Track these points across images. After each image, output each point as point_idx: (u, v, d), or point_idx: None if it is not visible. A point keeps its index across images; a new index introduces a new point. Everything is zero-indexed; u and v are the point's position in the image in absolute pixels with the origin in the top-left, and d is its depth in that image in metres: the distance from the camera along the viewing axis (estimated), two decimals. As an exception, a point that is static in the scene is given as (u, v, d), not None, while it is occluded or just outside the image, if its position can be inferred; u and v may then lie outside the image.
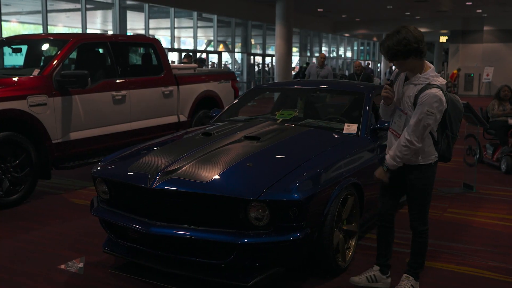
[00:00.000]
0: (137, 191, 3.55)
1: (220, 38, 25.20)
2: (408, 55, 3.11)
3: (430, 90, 3.10)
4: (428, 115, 3.10)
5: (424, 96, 3.10)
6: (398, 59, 3.15)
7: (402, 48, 3.08)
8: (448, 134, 3.33)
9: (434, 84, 3.14)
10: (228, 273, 3.36)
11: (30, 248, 4.32)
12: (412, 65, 3.19)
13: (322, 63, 11.62)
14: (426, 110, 3.10)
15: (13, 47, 6.81)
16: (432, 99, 3.09)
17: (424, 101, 3.10)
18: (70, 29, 23.19)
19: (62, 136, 5.87)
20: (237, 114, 5.55)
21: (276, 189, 3.27)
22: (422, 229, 3.38)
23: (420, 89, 3.14)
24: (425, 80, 3.17)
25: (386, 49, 3.13)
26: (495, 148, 8.05)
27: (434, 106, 3.10)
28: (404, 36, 3.07)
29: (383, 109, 3.47)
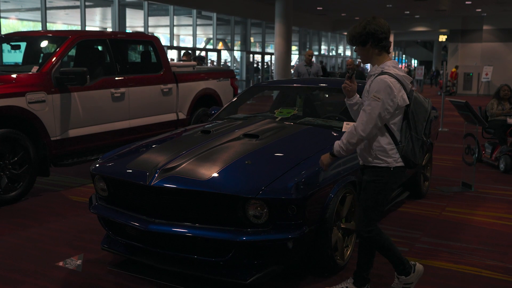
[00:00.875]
0: (135, 189, 3.55)
1: (220, 36, 25.19)
2: (365, 40, 3.07)
3: (380, 76, 3.02)
4: (374, 100, 2.97)
5: (374, 82, 3.03)
6: (357, 44, 3.11)
7: (361, 30, 3.05)
8: (412, 134, 3.10)
9: (387, 72, 3.03)
10: (227, 270, 3.37)
11: (28, 245, 4.32)
12: (371, 54, 3.12)
13: (310, 60, 11.37)
14: (372, 95, 2.99)
15: (12, 44, 6.81)
16: (379, 85, 2.98)
17: (372, 87, 3.02)
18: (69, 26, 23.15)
19: (61, 133, 5.87)
20: (236, 112, 5.54)
21: (275, 187, 3.27)
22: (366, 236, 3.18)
23: (375, 77, 3.07)
24: (380, 69, 3.09)
25: (348, 34, 3.14)
26: (494, 147, 8.05)
27: (381, 91, 2.96)
28: (367, 22, 3.06)
29: (347, 105, 3.36)
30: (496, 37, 28.06)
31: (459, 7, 24.96)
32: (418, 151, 3.15)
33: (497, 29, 27.94)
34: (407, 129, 3.11)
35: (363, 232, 3.21)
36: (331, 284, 3.58)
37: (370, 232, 3.19)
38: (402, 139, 3.10)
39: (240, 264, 3.35)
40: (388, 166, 3.11)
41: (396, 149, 3.10)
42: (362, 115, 3.03)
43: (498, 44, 28.04)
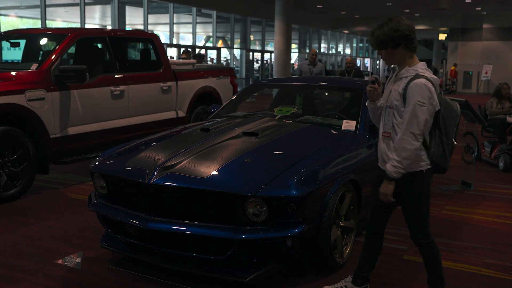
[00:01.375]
0: (135, 186, 3.55)
1: (219, 34, 25.17)
2: (398, 44, 2.93)
3: (419, 80, 2.88)
4: (420, 106, 2.84)
5: (413, 86, 2.88)
6: (387, 47, 2.95)
7: (393, 33, 2.90)
8: (443, 139, 3.02)
9: (422, 75, 2.91)
10: (226, 268, 3.37)
11: (28, 242, 4.32)
12: (402, 57, 2.99)
13: (314, 59, 11.02)
14: (416, 100, 2.84)
15: (11, 42, 6.79)
16: (420, 89, 2.86)
17: (412, 92, 2.87)
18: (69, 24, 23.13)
19: (60, 131, 5.87)
20: (236, 110, 5.54)
21: (274, 185, 3.27)
22: (424, 242, 3.10)
23: (409, 80, 2.92)
24: (413, 72, 2.96)
25: (375, 38, 2.95)
26: (493, 146, 8.06)
27: (424, 95, 2.85)
28: (395, 24, 2.91)
29: (370, 109, 3.22)
30: (496, 36, 28.06)
31: (459, 6, 24.96)
32: (448, 156, 3.07)
33: (497, 27, 27.94)
34: (437, 134, 3.02)
35: (422, 239, 3.10)
36: (330, 283, 3.58)
37: (428, 237, 3.11)
38: (432, 144, 3.01)
39: (239, 262, 3.35)
40: (421, 170, 3.01)
41: (426, 153, 3.01)
42: (410, 123, 2.86)
43: (498, 43, 28.03)
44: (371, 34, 3.01)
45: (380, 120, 3.20)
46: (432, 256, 3.15)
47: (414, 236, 3.14)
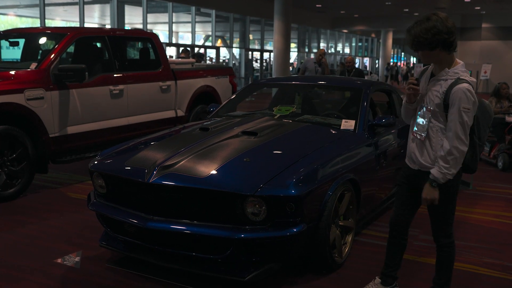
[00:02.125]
0: (134, 186, 3.55)
1: (218, 33, 25.16)
2: (435, 46, 2.80)
3: (462, 85, 2.78)
4: (465, 112, 2.76)
5: (457, 92, 2.77)
6: (424, 49, 2.84)
7: (430, 37, 2.77)
8: (475, 141, 2.98)
9: (464, 79, 2.81)
10: (225, 268, 3.37)
11: (27, 241, 4.32)
12: (439, 58, 2.87)
13: (320, 60, 10.72)
14: (462, 107, 2.76)
15: (10, 41, 6.79)
16: (465, 95, 2.76)
17: (457, 98, 2.77)
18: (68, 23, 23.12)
19: (59, 130, 5.86)
20: (235, 110, 5.54)
21: (273, 185, 3.27)
22: (446, 242, 3.08)
23: (450, 85, 2.81)
24: (454, 74, 2.85)
25: (412, 37, 2.82)
26: (492, 146, 8.07)
27: (469, 101, 2.77)
28: (434, 24, 2.77)
29: (404, 109, 3.14)
30: (495, 35, 28.10)
31: (458, 5, 24.98)
32: (478, 157, 3.07)
33: (496, 27, 27.98)
34: (471, 134, 2.94)
35: (444, 238, 3.09)
36: (329, 282, 3.59)
37: (450, 236, 3.09)
38: None
39: (238, 261, 3.35)
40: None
41: None
42: (456, 130, 2.79)
43: (497, 42, 28.08)
44: (408, 31, 2.88)
45: (411, 116, 3.14)
46: (449, 257, 3.13)
47: (437, 235, 3.12)
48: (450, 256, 3.13)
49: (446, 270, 3.15)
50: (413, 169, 3.12)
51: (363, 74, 11.81)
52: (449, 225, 3.09)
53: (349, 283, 3.59)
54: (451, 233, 3.11)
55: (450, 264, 3.15)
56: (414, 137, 3.07)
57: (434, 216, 3.10)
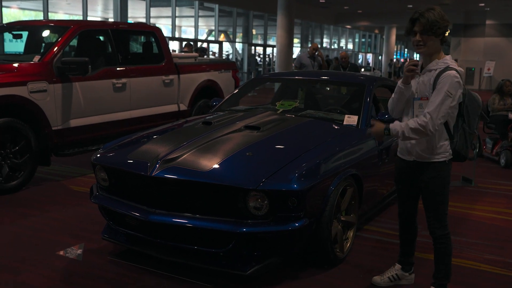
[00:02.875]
0: (136, 179, 3.55)
1: (221, 28, 25.12)
2: (440, 33, 2.96)
3: (451, 71, 2.93)
4: (449, 97, 2.89)
5: (444, 77, 2.92)
6: (431, 34, 2.94)
7: (442, 23, 2.93)
8: (465, 128, 3.10)
9: (453, 68, 2.96)
10: (227, 261, 3.38)
11: (29, 234, 4.33)
12: (435, 48, 3.01)
13: (314, 54, 10.66)
14: (446, 89, 2.89)
15: (13, 33, 6.79)
16: (452, 80, 2.90)
17: (443, 81, 2.91)
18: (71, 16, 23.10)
19: (62, 123, 5.87)
20: (238, 104, 5.54)
21: (276, 179, 3.28)
22: (441, 233, 3.15)
23: (439, 72, 2.96)
24: (443, 64, 3.00)
25: (427, 20, 2.91)
26: (495, 142, 8.05)
27: (454, 87, 2.90)
28: (444, 14, 2.96)
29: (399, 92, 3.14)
30: (498, 32, 27.99)
31: (462, 2, 24.88)
32: (469, 145, 3.16)
33: (500, 24, 27.87)
34: (460, 124, 3.09)
35: (439, 230, 3.15)
36: (331, 277, 3.59)
37: (445, 228, 3.16)
38: (455, 134, 3.09)
39: (240, 255, 3.36)
40: (445, 160, 3.10)
41: (450, 143, 3.09)
42: (436, 110, 2.89)
43: (501, 39, 27.97)
44: (421, 16, 2.95)
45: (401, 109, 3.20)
46: (446, 249, 3.19)
47: (432, 226, 3.18)
48: (447, 248, 3.19)
49: (445, 263, 3.21)
50: (409, 161, 3.19)
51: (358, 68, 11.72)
52: (443, 216, 3.16)
53: (351, 278, 3.59)
54: (446, 224, 3.17)
55: (448, 257, 3.20)
56: None
57: (429, 207, 3.17)
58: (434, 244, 3.21)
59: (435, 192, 3.11)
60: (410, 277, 3.52)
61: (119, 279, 3.52)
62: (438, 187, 3.11)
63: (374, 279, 3.51)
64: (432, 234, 3.20)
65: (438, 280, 3.24)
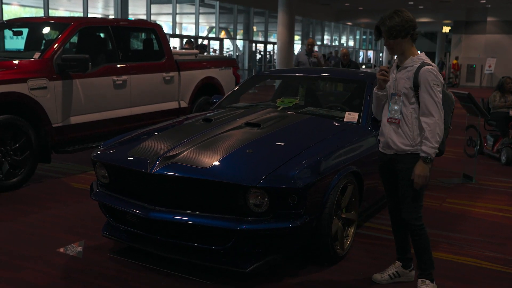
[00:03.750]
0: (136, 176, 3.55)
1: (222, 25, 25.08)
2: (407, 33, 3.11)
3: (428, 67, 3.09)
4: (435, 87, 3.05)
5: (424, 72, 3.08)
6: (398, 37, 3.10)
7: (405, 24, 3.08)
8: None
9: (428, 63, 3.13)
10: (227, 259, 3.38)
11: (29, 231, 4.34)
12: (407, 47, 3.17)
13: (311, 50, 10.64)
14: (432, 83, 3.05)
15: (14, 30, 6.78)
16: (433, 73, 3.07)
17: (426, 76, 3.06)
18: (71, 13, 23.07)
19: (62, 120, 5.87)
20: (238, 101, 5.53)
21: (276, 176, 3.27)
22: (417, 224, 3.23)
23: (417, 68, 3.11)
24: (419, 60, 3.15)
25: (389, 27, 3.09)
26: (496, 140, 8.04)
27: (436, 79, 3.06)
28: (405, 15, 3.10)
29: (377, 97, 3.34)
30: (500, 29, 27.94)
31: (463, -2, 24.82)
32: (445, 140, 3.31)
33: (501, 21, 27.81)
34: None
35: (414, 220, 3.22)
36: (331, 274, 3.59)
37: (420, 219, 3.24)
38: None
39: (240, 253, 3.36)
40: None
41: None
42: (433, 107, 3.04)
43: (502, 36, 27.92)
44: (381, 24, 3.14)
45: (382, 109, 3.36)
46: (424, 240, 3.27)
47: (408, 218, 3.24)
48: (425, 237, 3.26)
49: (425, 253, 3.29)
50: (389, 155, 3.28)
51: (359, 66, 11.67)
52: (419, 207, 3.24)
53: (351, 275, 3.59)
54: (421, 216, 3.25)
55: (427, 246, 3.28)
56: (389, 123, 3.26)
57: (406, 198, 3.21)
58: (412, 237, 3.29)
59: (412, 182, 3.15)
60: (410, 274, 3.53)
61: (119, 276, 3.52)
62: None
63: (374, 277, 3.52)
64: (410, 227, 3.27)
65: (424, 270, 3.32)
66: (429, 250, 3.30)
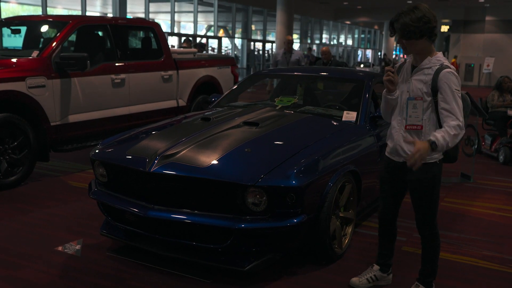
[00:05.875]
0: (135, 175, 3.55)
1: (221, 24, 25.09)
2: (423, 35, 2.84)
3: (448, 69, 2.86)
4: (457, 93, 2.84)
5: (445, 76, 2.85)
6: (412, 38, 2.85)
7: (422, 25, 2.80)
8: None
9: (448, 65, 2.90)
10: (225, 257, 3.38)
11: (28, 229, 4.33)
12: (423, 47, 2.92)
13: (290, 47, 9.89)
14: (454, 88, 2.83)
15: (12, 28, 6.77)
16: (455, 76, 2.86)
17: (447, 80, 2.84)
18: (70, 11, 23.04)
19: (60, 118, 5.86)
20: (236, 100, 5.53)
21: (274, 175, 3.28)
22: (430, 233, 3.12)
23: (436, 70, 2.88)
24: (437, 62, 2.92)
25: (402, 26, 2.82)
26: (494, 139, 8.06)
27: (457, 83, 2.86)
28: (424, 14, 2.81)
29: (385, 102, 3.12)
30: (498, 28, 27.96)
31: (462, -3, 24.84)
32: (459, 146, 3.18)
33: (500, 20, 27.83)
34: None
35: (428, 230, 3.11)
36: (329, 273, 3.60)
37: (435, 228, 3.12)
38: None
39: (238, 251, 3.36)
40: (436, 161, 3.02)
41: None
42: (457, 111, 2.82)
43: (501, 35, 27.94)
44: (395, 20, 2.89)
45: (392, 111, 3.14)
46: (434, 249, 3.17)
47: (421, 226, 3.14)
48: (436, 247, 3.17)
49: (432, 261, 3.20)
50: (398, 162, 3.11)
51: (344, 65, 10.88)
52: (433, 216, 3.11)
53: (349, 274, 3.60)
54: (436, 224, 3.13)
55: (436, 255, 3.19)
56: (411, 129, 3.01)
57: (419, 207, 3.11)
58: (423, 243, 3.19)
59: (426, 193, 3.05)
60: (388, 277, 3.47)
61: (117, 275, 3.52)
62: (429, 187, 3.04)
63: (352, 281, 3.44)
64: (422, 234, 3.17)
65: (424, 277, 3.24)
66: (436, 260, 3.20)
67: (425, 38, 2.87)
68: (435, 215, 3.12)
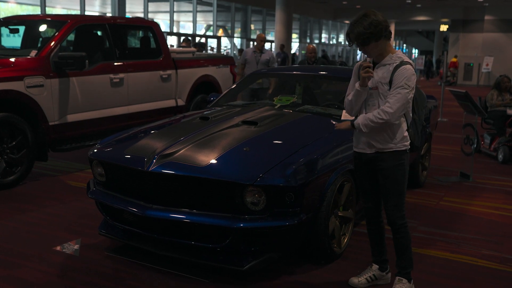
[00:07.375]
0: (133, 174, 3.54)
1: (220, 23, 25.09)
2: (380, 36, 3.03)
3: (407, 66, 3.05)
4: (404, 89, 3.01)
5: (402, 70, 3.03)
6: (371, 42, 3.03)
7: (373, 29, 2.98)
8: (416, 119, 3.28)
9: (408, 62, 3.08)
10: (224, 257, 3.38)
11: (26, 229, 4.33)
12: (383, 47, 3.10)
13: (262, 46, 9.07)
14: (405, 83, 3.01)
15: (10, 28, 6.76)
16: (409, 73, 3.02)
17: (401, 74, 3.02)
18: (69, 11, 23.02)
19: (59, 118, 5.85)
20: (235, 99, 5.53)
21: (273, 174, 3.27)
22: (401, 222, 3.21)
23: (396, 66, 3.07)
24: (398, 58, 3.10)
25: (356, 35, 3.00)
26: (493, 138, 8.06)
27: (412, 80, 3.03)
28: (373, 18, 3.00)
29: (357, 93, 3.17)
30: (497, 28, 27.95)
31: (461, -3, 24.83)
32: (421, 135, 3.36)
33: (499, 19, 27.82)
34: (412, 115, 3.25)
35: (399, 219, 3.21)
36: (327, 272, 3.59)
37: (404, 217, 3.23)
38: (409, 124, 3.23)
39: (237, 251, 3.36)
40: (406, 149, 3.19)
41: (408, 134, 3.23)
42: (395, 102, 3.01)
43: (500, 35, 27.93)
44: (350, 32, 3.05)
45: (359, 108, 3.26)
46: (406, 238, 3.26)
47: (391, 216, 3.22)
48: (407, 237, 3.26)
49: (406, 252, 3.28)
50: (369, 154, 3.22)
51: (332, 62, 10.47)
52: (402, 204, 3.22)
53: (348, 273, 3.59)
54: (404, 214, 3.24)
55: (409, 245, 3.28)
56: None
57: (390, 197, 3.20)
58: (394, 235, 3.27)
59: (397, 181, 3.17)
60: (386, 276, 3.50)
61: (116, 274, 3.52)
62: (400, 175, 3.17)
63: (351, 281, 3.45)
64: (392, 225, 3.25)
65: (402, 269, 3.31)
66: (410, 249, 3.29)
67: (382, 39, 3.05)
68: (404, 203, 3.23)
